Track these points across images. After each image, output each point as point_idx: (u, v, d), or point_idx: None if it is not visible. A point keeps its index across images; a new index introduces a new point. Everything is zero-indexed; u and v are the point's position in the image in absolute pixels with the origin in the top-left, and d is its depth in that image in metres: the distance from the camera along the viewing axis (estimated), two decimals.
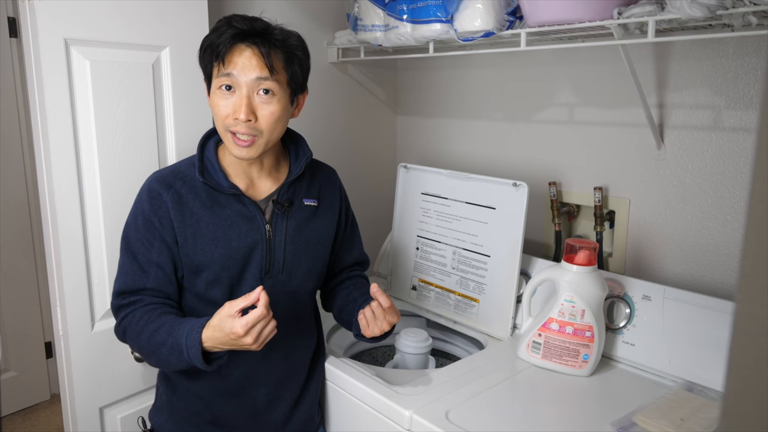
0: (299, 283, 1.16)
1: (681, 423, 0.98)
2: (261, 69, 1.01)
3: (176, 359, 1.00)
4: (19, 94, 2.21)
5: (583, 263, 1.19)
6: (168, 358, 1.02)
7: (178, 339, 1.00)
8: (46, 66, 1.15)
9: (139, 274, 1.07)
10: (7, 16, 2.13)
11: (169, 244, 1.07)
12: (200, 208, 1.08)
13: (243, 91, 1.02)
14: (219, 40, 1.02)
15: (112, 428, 1.34)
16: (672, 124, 1.42)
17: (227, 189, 1.09)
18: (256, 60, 1.01)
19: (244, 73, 1.01)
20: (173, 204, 1.07)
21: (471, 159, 1.91)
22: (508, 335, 1.38)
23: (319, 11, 1.84)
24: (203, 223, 1.08)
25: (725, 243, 1.36)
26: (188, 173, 1.11)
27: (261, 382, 1.15)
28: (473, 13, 1.35)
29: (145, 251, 1.07)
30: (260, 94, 1.03)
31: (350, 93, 1.99)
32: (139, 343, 1.05)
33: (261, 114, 1.03)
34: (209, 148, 1.14)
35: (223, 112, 1.03)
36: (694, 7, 1.02)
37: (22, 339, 2.32)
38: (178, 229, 1.07)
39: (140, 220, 1.08)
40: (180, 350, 0.99)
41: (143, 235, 1.07)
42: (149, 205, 1.07)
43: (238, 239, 1.09)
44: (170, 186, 1.08)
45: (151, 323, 1.04)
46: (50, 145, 1.17)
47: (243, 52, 1.02)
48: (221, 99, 1.04)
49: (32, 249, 2.31)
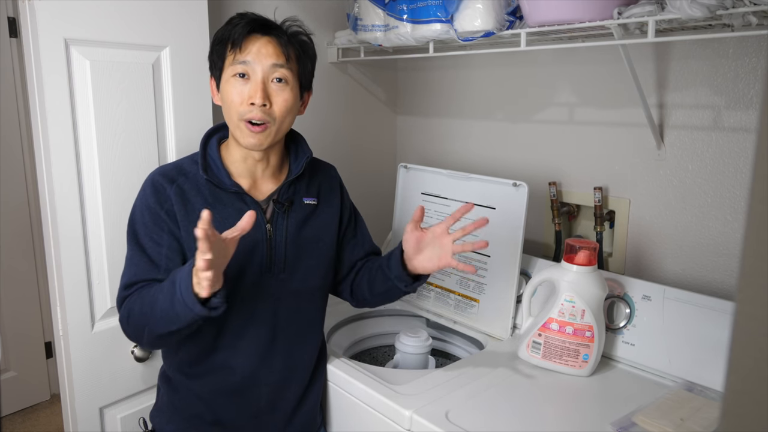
0: (302, 281, 1.16)
1: (681, 423, 0.98)
2: (277, 56, 1.05)
3: (169, 306, 0.94)
4: (19, 94, 2.21)
5: (583, 263, 1.19)
6: (165, 314, 0.95)
7: (170, 283, 0.95)
8: (46, 66, 1.15)
9: (149, 266, 1.06)
10: (7, 16, 2.13)
11: (177, 237, 1.07)
12: (202, 205, 1.08)
13: (258, 77, 1.04)
14: (234, 30, 1.05)
15: (112, 428, 1.34)
16: (672, 124, 1.42)
17: (230, 187, 1.09)
18: (272, 47, 1.05)
19: (260, 59, 1.04)
20: (176, 198, 1.07)
21: (471, 159, 1.91)
22: (508, 335, 1.38)
23: (319, 11, 1.84)
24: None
25: (725, 243, 1.36)
26: (191, 170, 1.11)
27: (263, 381, 1.15)
28: (473, 13, 1.35)
29: (154, 245, 1.07)
30: (274, 82, 1.05)
31: (350, 93, 1.99)
32: (139, 313, 1.01)
33: (275, 100, 1.06)
34: (212, 146, 1.14)
35: (237, 99, 1.04)
36: (694, 7, 1.02)
37: (22, 339, 2.32)
38: (182, 223, 1.07)
39: (147, 214, 1.07)
40: (173, 292, 0.93)
41: (151, 230, 1.07)
42: (154, 198, 1.07)
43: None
44: (173, 180, 1.09)
45: (148, 290, 1.02)
46: (50, 145, 1.17)
47: (260, 39, 1.05)
48: (235, 86, 1.05)
49: (32, 249, 2.31)
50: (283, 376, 1.17)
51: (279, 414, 1.18)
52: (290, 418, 1.20)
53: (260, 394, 1.15)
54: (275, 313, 1.13)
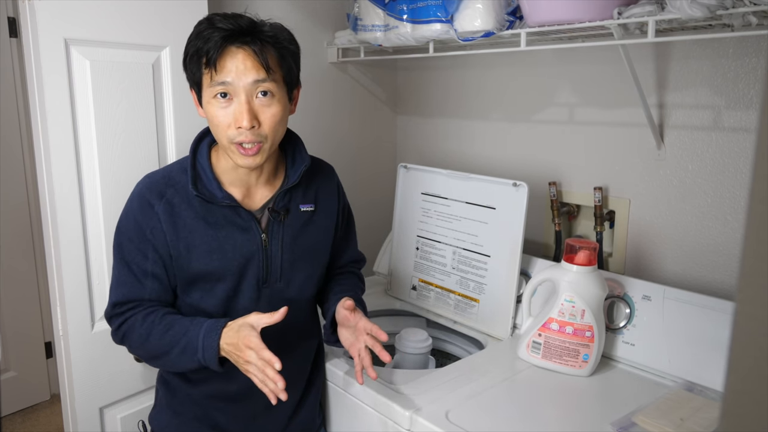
0: (298, 291, 1.14)
1: (681, 423, 0.98)
2: (257, 70, 0.96)
3: (187, 360, 1.00)
4: (19, 94, 2.21)
5: (583, 263, 1.19)
6: (178, 359, 1.01)
7: (193, 339, 0.99)
8: (46, 66, 1.15)
9: (135, 285, 1.05)
10: (7, 16, 2.13)
11: (162, 255, 1.04)
12: (193, 219, 1.04)
13: (242, 98, 0.97)
14: (207, 46, 0.96)
15: (112, 428, 1.34)
16: (672, 124, 1.42)
17: (221, 200, 1.04)
18: (250, 61, 0.96)
19: (240, 78, 0.96)
20: (165, 216, 1.03)
21: (471, 159, 1.91)
22: (508, 335, 1.38)
23: (319, 11, 1.84)
24: (197, 234, 1.04)
25: (725, 243, 1.36)
26: (180, 180, 1.05)
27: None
28: (473, 13, 1.35)
29: (140, 261, 1.04)
30: (259, 97, 0.98)
31: (350, 93, 1.99)
32: (144, 346, 1.04)
33: (263, 118, 0.99)
34: (202, 153, 1.08)
35: (224, 122, 0.98)
36: (694, 7, 1.02)
37: (22, 339, 2.32)
38: (171, 242, 1.03)
39: (132, 229, 1.04)
40: (194, 350, 0.98)
41: (136, 245, 1.04)
42: (141, 215, 1.03)
43: (233, 250, 1.05)
44: (162, 195, 1.04)
45: (157, 325, 1.02)
46: (50, 145, 1.17)
47: (236, 55, 0.96)
48: (219, 109, 0.98)
49: (32, 249, 2.31)
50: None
51: (277, 419, 1.17)
52: (288, 422, 1.19)
53: (258, 400, 1.14)
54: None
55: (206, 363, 0.99)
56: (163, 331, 1.02)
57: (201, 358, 0.99)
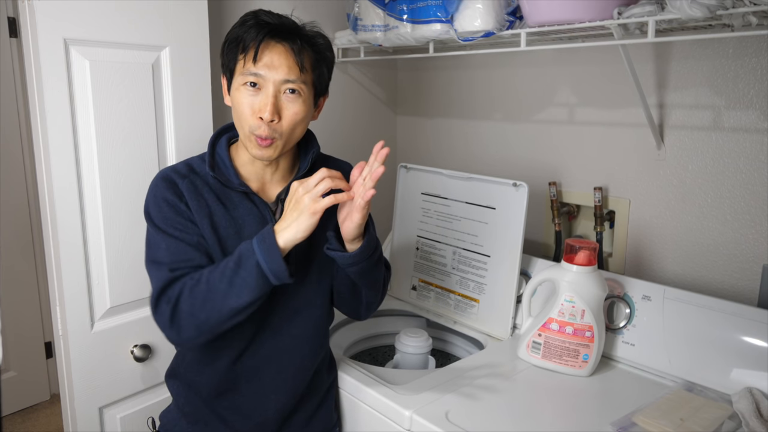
0: (311, 281, 1.13)
1: (681, 423, 0.98)
2: (290, 69, 1.00)
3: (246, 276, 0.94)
4: (19, 94, 2.21)
5: (583, 263, 1.19)
6: (232, 281, 0.95)
7: (245, 246, 0.96)
8: (46, 66, 1.15)
9: (188, 249, 1.03)
10: (7, 16, 2.13)
11: (195, 224, 1.04)
12: (214, 201, 1.06)
13: (270, 90, 0.99)
14: (248, 35, 0.99)
15: (112, 428, 1.34)
16: (672, 124, 1.42)
17: (237, 186, 1.06)
18: (286, 58, 0.99)
19: (273, 72, 0.99)
20: (189, 192, 1.04)
21: (471, 159, 1.91)
22: (508, 335, 1.38)
23: (319, 11, 1.84)
24: (217, 217, 1.05)
25: (725, 243, 1.36)
26: (200, 169, 1.08)
27: (271, 399, 1.12)
28: (473, 13, 1.35)
29: (183, 234, 1.03)
30: (286, 93, 1.01)
31: (350, 93, 1.99)
32: (196, 292, 0.97)
33: (285, 114, 1.01)
34: (221, 146, 1.11)
35: (248, 111, 1.01)
36: (694, 7, 1.02)
37: (22, 339, 2.32)
38: (197, 215, 1.04)
39: (165, 208, 1.03)
40: (251, 252, 0.94)
41: (175, 220, 1.03)
42: (170, 191, 1.04)
43: (249, 235, 1.04)
44: (185, 176, 1.06)
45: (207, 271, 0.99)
46: (50, 145, 1.17)
47: (274, 48, 0.99)
48: (246, 97, 1.01)
49: (32, 249, 2.31)
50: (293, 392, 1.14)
51: (287, 421, 1.16)
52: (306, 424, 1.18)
53: (268, 406, 1.13)
54: (286, 315, 1.11)
55: (269, 262, 0.93)
56: (213, 268, 0.98)
57: (261, 259, 0.94)
